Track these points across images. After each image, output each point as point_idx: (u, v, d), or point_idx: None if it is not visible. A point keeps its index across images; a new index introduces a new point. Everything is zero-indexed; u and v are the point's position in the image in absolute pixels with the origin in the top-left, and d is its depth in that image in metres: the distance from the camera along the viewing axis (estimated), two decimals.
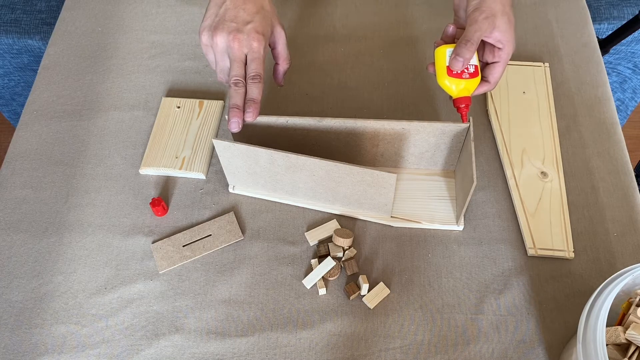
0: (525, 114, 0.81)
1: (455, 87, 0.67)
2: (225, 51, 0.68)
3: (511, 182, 0.75)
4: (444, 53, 0.68)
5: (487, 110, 0.82)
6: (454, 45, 0.67)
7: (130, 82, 0.88)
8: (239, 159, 0.70)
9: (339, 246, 0.70)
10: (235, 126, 0.67)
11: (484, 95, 0.84)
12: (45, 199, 0.77)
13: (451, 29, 0.70)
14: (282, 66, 0.74)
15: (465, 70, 0.67)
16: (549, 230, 0.71)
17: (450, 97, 0.70)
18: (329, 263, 0.69)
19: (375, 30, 0.93)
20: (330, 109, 0.84)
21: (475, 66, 0.67)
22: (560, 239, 0.71)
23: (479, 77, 0.68)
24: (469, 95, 0.68)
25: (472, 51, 0.65)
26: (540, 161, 0.77)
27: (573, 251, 0.70)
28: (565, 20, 0.92)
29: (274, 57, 0.74)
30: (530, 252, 0.70)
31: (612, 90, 1.00)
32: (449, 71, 0.67)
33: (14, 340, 0.67)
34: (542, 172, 0.76)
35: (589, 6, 0.99)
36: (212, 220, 0.74)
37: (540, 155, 0.77)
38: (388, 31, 0.93)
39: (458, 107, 0.69)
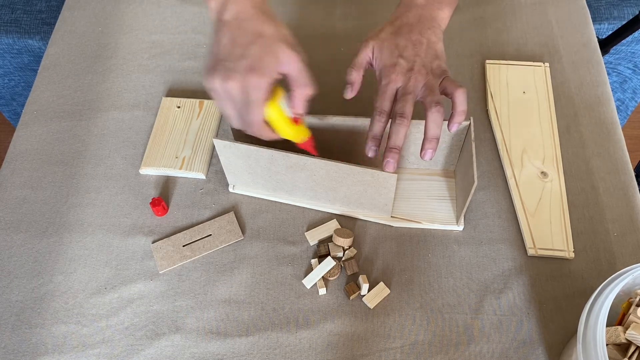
0: (525, 114, 0.81)
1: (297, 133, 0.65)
2: (228, 97, 0.59)
3: (511, 182, 0.75)
4: (277, 105, 0.61)
5: (487, 110, 0.82)
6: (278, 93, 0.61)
7: (130, 82, 0.88)
8: (239, 158, 0.70)
9: (339, 246, 0.70)
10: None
11: (484, 95, 0.84)
12: (45, 199, 0.77)
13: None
14: (297, 93, 0.60)
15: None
16: (549, 230, 0.71)
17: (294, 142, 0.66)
18: (329, 263, 0.69)
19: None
20: (330, 109, 0.84)
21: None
22: (560, 239, 0.71)
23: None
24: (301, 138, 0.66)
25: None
26: (540, 161, 0.77)
27: (573, 251, 0.70)
28: (565, 20, 0.92)
29: (290, 84, 0.61)
30: (530, 252, 0.70)
31: (612, 90, 1.00)
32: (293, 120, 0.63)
33: (14, 340, 0.67)
34: (542, 172, 0.76)
35: (589, 6, 0.99)
36: (212, 220, 0.74)
37: (540, 155, 0.77)
38: None
39: (308, 148, 0.66)
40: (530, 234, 0.71)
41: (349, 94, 0.68)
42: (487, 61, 0.86)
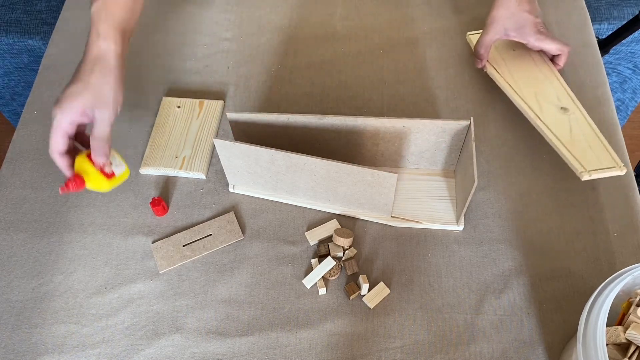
0: (521, 65, 0.81)
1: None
2: None
3: (537, 122, 0.74)
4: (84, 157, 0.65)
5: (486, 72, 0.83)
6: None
7: (130, 82, 0.88)
8: (239, 158, 0.70)
9: (339, 246, 0.70)
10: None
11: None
12: (45, 199, 0.77)
13: None
14: (92, 144, 0.64)
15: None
16: (592, 153, 0.70)
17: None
18: (329, 263, 0.69)
19: (376, 30, 0.93)
20: (331, 109, 0.84)
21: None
22: (607, 158, 0.70)
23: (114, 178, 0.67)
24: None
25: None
26: (556, 99, 0.76)
27: (623, 165, 0.69)
28: (565, 21, 0.92)
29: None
30: (585, 176, 0.68)
31: (612, 90, 1.00)
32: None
33: (14, 340, 0.67)
34: (562, 108, 0.75)
35: (589, 6, 0.99)
36: (212, 220, 0.74)
37: (552, 96, 0.77)
38: (388, 31, 0.93)
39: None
40: (576, 160, 0.70)
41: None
42: (469, 33, 0.87)
